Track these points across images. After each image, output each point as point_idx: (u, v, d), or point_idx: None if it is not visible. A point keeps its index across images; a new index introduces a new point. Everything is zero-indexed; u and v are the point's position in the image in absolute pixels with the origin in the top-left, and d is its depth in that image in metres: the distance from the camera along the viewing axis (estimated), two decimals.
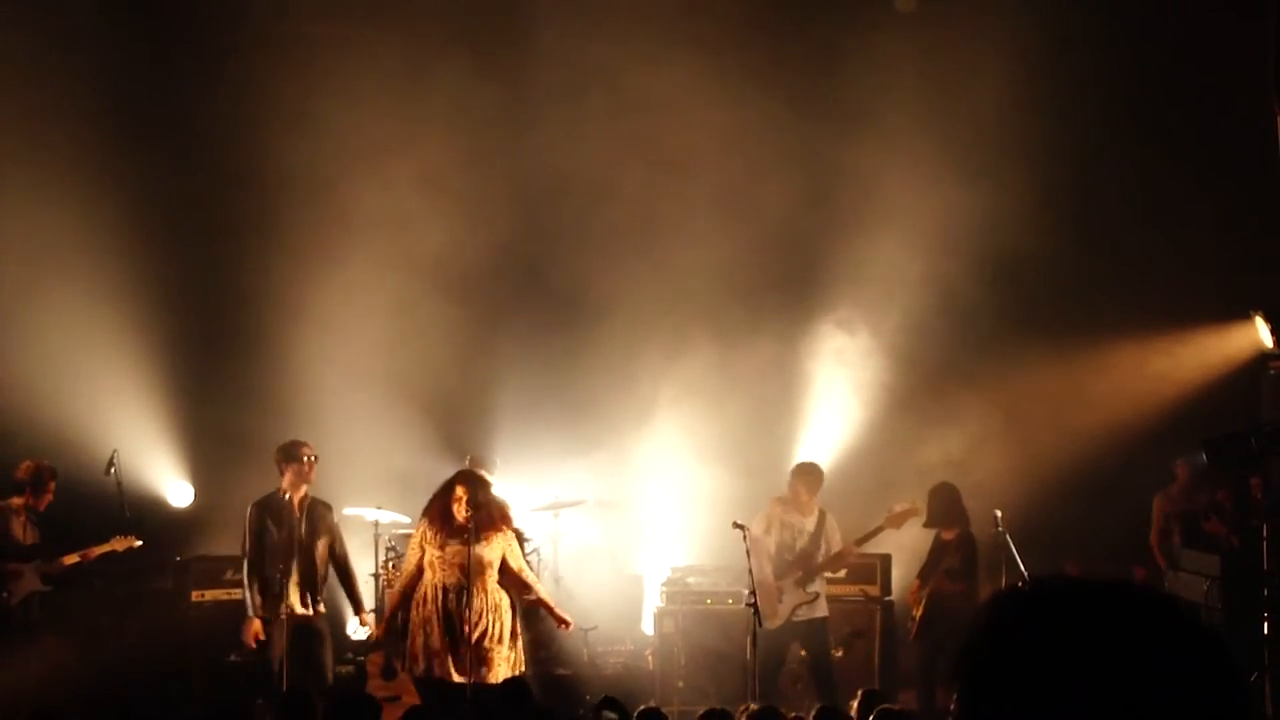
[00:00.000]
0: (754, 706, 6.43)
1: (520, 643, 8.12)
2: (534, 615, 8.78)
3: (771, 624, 9.10)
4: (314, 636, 8.58)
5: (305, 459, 8.62)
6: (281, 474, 8.65)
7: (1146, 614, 1.43)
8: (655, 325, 11.30)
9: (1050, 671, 1.39)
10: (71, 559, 9.08)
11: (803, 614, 9.26)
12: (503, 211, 11.52)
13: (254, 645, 8.46)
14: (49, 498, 9.20)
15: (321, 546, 8.68)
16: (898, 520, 9.40)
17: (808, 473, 9.54)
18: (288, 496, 8.55)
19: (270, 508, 8.59)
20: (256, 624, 8.44)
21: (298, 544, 8.51)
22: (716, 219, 11.36)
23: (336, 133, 11.11)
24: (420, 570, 7.99)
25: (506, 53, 11.38)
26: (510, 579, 8.04)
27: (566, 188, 11.40)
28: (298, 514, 8.55)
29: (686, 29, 11.24)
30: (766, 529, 9.37)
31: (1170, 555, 10.76)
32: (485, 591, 7.91)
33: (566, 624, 8.29)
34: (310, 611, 8.58)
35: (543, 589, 8.32)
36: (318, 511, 8.73)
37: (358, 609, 8.90)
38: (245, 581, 8.54)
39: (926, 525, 9.76)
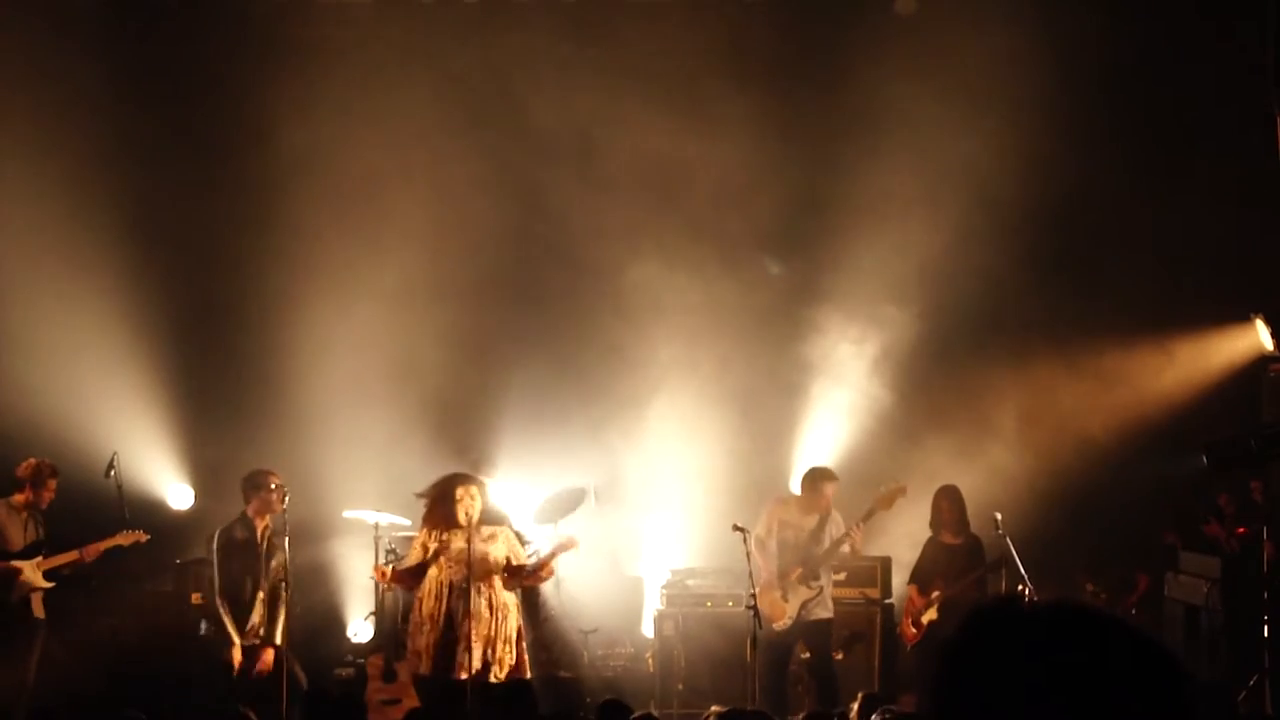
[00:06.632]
0: (752, 709, 6.41)
1: (525, 644, 8.16)
2: (536, 618, 8.78)
3: (779, 624, 9.09)
4: (282, 662, 8.49)
5: (271, 488, 8.61)
6: (246, 502, 8.68)
7: (1100, 637, 1.52)
8: (656, 326, 11.30)
9: (1007, 692, 1.50)
10: (72, 555, 9.05)
11: (809, 612, 9.19)
12: (502, 214, 11.51)
13: (237, 671, 8.44)
14: (50, 495, 9.14)
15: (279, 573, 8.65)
16: (887, 501, 9.30)
17: (820, 478, 9.46)
18: (251, 524, 8.60)
19: (233, 536, 8.61)
20: (238, 650, 8.44)
21: (262, 572, 8.53)
22: (717, 221, 11.36)
23: (336, 139, 11.10)
24: (423, 565, 8.02)
25: (503, 54, 11.37)
26: (512, 572, 8.10)
27: (567, 189, 11.39)
28: (261, 542, 8.57)
29: (687, 32, 11.24)
30: (768, 531, 9.35)
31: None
32: (492, 590, 7.95)
33: (539, 577, 8.35)
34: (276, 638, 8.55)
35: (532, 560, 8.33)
36: (279, 540, 8.64)
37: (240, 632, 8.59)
38: (219, 610, 8.52)
39: (933, 527, 9.71)
